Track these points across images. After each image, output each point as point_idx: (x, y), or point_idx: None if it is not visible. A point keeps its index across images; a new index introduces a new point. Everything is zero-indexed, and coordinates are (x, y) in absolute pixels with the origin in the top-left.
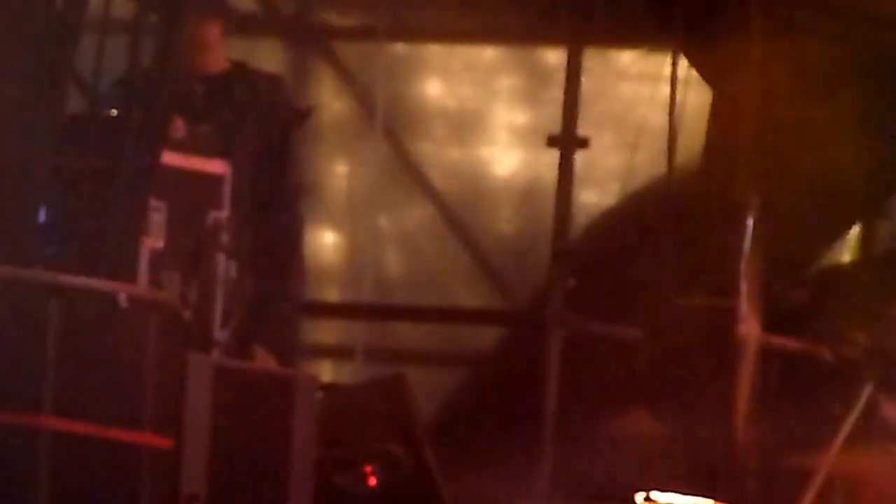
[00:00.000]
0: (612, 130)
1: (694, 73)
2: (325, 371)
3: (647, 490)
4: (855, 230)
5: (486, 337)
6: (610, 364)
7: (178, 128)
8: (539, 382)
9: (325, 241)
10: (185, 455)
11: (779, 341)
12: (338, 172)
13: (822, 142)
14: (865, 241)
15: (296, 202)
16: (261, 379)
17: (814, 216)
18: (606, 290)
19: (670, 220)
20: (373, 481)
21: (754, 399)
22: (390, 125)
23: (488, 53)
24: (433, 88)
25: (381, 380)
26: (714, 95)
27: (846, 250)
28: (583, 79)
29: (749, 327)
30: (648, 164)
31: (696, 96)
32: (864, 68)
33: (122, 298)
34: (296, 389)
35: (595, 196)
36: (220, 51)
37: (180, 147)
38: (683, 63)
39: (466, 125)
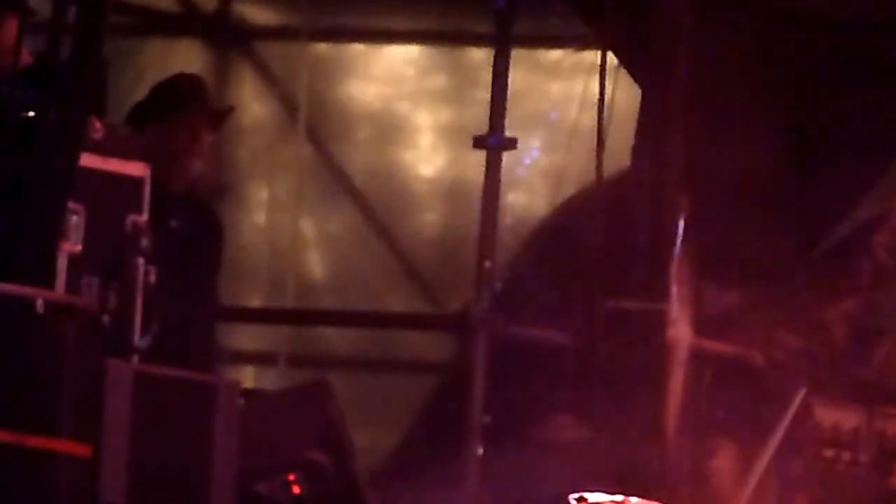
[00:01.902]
0: (539, 131)
1: (623, 71)
2: (248, 377)
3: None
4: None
5: (413, 341)
6: (537, 368)
7: (97, 129)
8: (466, 387)
9: (247, 245)
10: (105, 463)
11: (710, 345)
12: (259, 175)
13: (751, 141)
14: (798, 242)
15: None
16: (181, 386)
17: (745, 217)
18: (534, 294)
19: (599, 221)
20: (296, 490)
21: (685, 404)
22: (313, 127)
23: (413, 53)
24: (356, 89)
25: (305, 386)
26: (643, 94)
27: (778, 252)
28: (510, 78)
29: (680, 331)
30: (577, 164)
31: (626, 96)
32: (792, 67)
33: (39, 304)
34: (217, 396)
35: (522, 197)
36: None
37: (99, 148)
38: (612, 61)
39: (391, 126)
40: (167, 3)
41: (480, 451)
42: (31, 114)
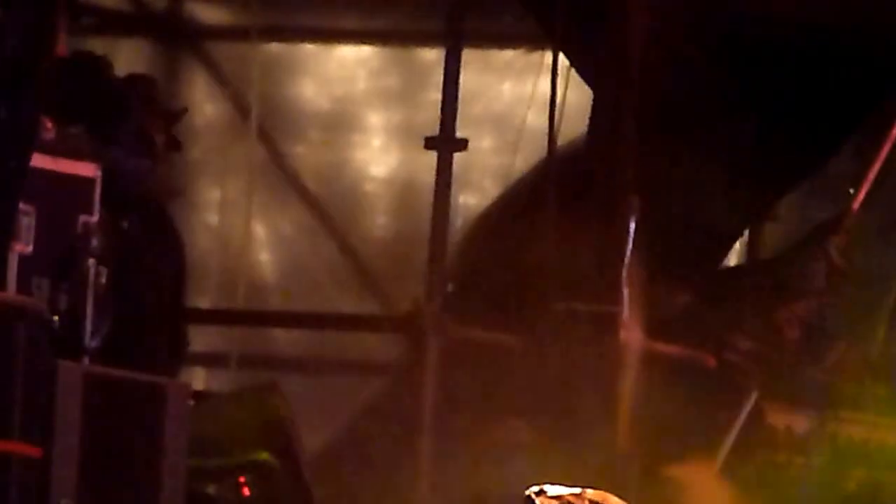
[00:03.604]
0: (490, 131)
1: (574, 73)
2: (198, 379)
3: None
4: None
5: (364, 343)
6: (488, 371)
7: (48, 129)
8: (416, 389)
9: (197, 246)
10: (55, 463)
11: (662, 347)
12: (211, 175)
13: (704, 141)
14: (751, 244)
15: None
16: (132, 387)
17: (699, 218)
18: (486, 296)
19: (551, 223)
20: (246, 491)
21: (637, 406)
22: (264, 127)
23: (364, 54)
24: (308, 90)
25: (255, 388)
26: (595, 95)
27: (731, 253)
28: (461, 79)
29: (631, 333)
30: (528, 165)
31: (577, 97)
32: (749, 69)
33: None
34: (167, 397)
35: (474, 198)
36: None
37: (49, 149)
38: (563, 63)
39: (342, 127)
40: (116, 2)
41: (431, 452)
42: None
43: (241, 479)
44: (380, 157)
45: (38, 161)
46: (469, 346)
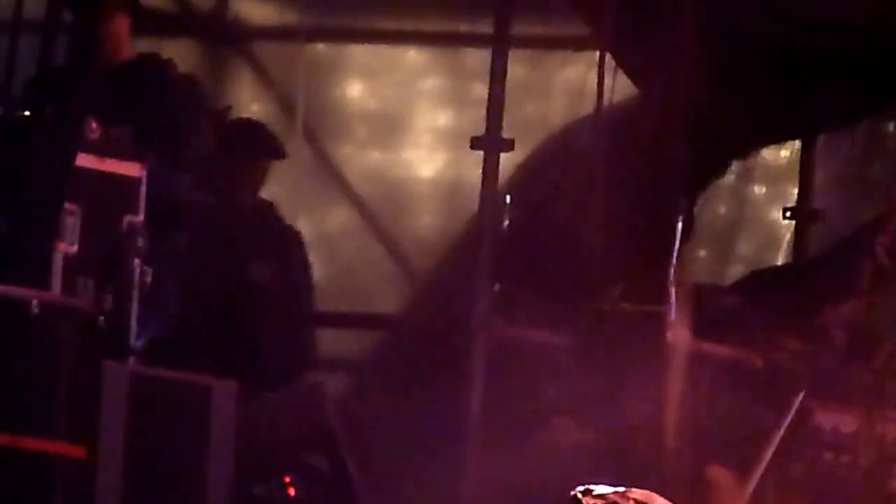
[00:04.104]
0: (537, 132)
1: (622, 74)
2: None
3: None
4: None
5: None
6: (536, 370)
7: (93, 129)
8: (464, 388)
9: None
10: (101, 464)
11: (709, 348)
12: None
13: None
14: (797, 244)
15: None
16: (178, 387)
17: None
18: (534, 295)
19: (599, 223)
20: (292, 492)
21: (685, 407)
22: (311, 127)
23: (411, 55)
24: (354, 90)
25: (300, 389)
26: (642, 96)
27: (778, 253)
28: (508, 80)
29: (679, 334)
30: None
31: (625, 97)
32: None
33: (34, 305)
34: (213, 398)
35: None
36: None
37: (95, 149)
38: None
39: (389, 127)
40: (161, 2)
41: (478, 452)
42: (28, 114)
43: (287, 480)
44: (427, 157)
45: (84, 161)
46: (517, 345)
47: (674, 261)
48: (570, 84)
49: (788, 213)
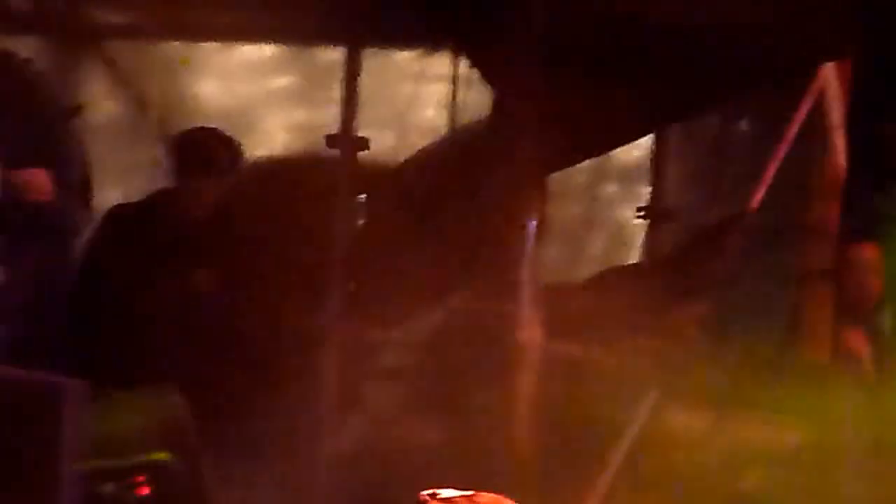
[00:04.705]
0: (392, 131)
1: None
2: None
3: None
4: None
5: None
6: (385, 370)
7: None
8: (315, 387)
9: None
10: None
11: (562, 348)
12: (112, 174)
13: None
14: (648, 242)
15: None
16: (27, 386)
17: None
18: (384, 294)
19: (451, 222)
20: (143, 491)
21: (536, 408)
22: (165, 126)
23: (265, 52)
24: (208, 88)
25: (151, 387)
26: (495, 95)
27: (630, 252)
28: (361, 78)
29: (530, 333)
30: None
31: (479, 96)
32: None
33: None
34: (64, 397)
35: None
36: None
37: None
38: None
39: (243, 125)
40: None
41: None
42: None
43: (138, 479)
44: (281, 155)
45: None
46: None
47: (525, 260)
48: (426, 82)
49: (641, 213)
